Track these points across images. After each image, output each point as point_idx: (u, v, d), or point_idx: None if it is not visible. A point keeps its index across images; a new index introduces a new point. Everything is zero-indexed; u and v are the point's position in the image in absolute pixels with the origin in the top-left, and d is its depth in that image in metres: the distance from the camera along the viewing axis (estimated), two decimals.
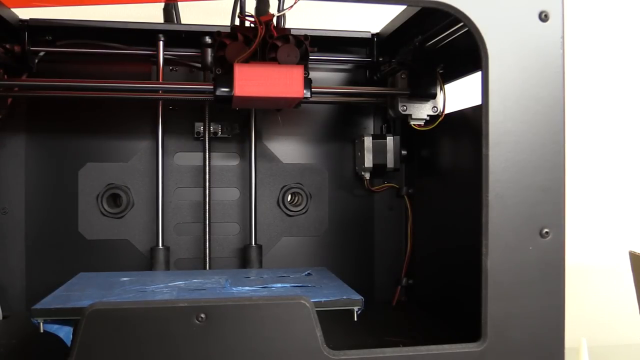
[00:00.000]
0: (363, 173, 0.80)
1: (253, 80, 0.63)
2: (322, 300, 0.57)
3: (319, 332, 0.46)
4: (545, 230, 0.49)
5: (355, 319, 0.58)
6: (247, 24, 0.66)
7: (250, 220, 0.78)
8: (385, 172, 0.82)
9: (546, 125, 0.49)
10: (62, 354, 0.43)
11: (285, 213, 0.81)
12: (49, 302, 0.56)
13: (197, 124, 0.78)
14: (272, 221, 0.81)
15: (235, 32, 0.65)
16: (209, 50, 0.71)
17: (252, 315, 0.46)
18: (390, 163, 0.79)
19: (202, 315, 0.45)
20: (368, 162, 0.79)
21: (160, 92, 0.72)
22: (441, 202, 0.74)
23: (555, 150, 0.50)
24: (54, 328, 0.54)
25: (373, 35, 0.81)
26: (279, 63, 0.64)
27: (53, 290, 0.61)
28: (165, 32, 0.75)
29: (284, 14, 0.67)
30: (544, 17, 0.49)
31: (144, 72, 0.77)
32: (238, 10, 0.67)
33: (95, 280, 0.67)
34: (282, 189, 0.81)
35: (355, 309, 0.58)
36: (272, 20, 0.65)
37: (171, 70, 0.78)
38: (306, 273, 0.72)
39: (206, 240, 0.78)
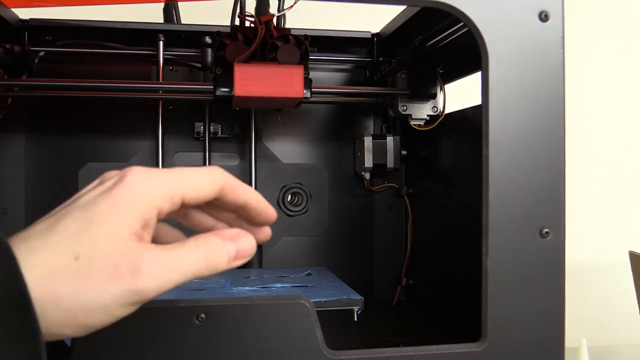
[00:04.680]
0: (363, 173, 0.80)
1: (253, 80, 0.63)
2: (322, 300, 0.57)
3: (319, 332, 0.46)
4: (545, 230, 0.49)
5: (355, 319, 0.58)
6: (247, 24, 0.66)
7: None
8: (385, 172, 0.82)
9: (546, 125, 0.49)
10: (62, 354, 0.43)
11: (285, 213, 0.81)
12: None
13: (197, 124, 0.78)
14: None
15: (235, 32, 0.65)
16: (209, 50, 0.71)
17: (252, 315, 0.46)
18: (390, 163, 0.79)
19: (202, 315, 0.45)
20: (368, 162, 0.79)
21: (160, 92, 0.72)
22: (441, 202, 0.74)
23: (555, 149, 0.50)
24: None
25: (373, 35, 0.81)
26: (279, 63, 0.64)
27: None
28: (165, 32, 0.75)
29: (284, 14, 0.67)
30: (544, 17, 0.49)
31: (144, 72, 0.77)
32: (238, 10, 0.67)
33: None
34: (282, 189, 0.81)
35: (355, 309, 0.59)
36: (272, 20, 0.65)
37: (171, 70, 0.78)
38: (306, 273, 0.72)
39: None
